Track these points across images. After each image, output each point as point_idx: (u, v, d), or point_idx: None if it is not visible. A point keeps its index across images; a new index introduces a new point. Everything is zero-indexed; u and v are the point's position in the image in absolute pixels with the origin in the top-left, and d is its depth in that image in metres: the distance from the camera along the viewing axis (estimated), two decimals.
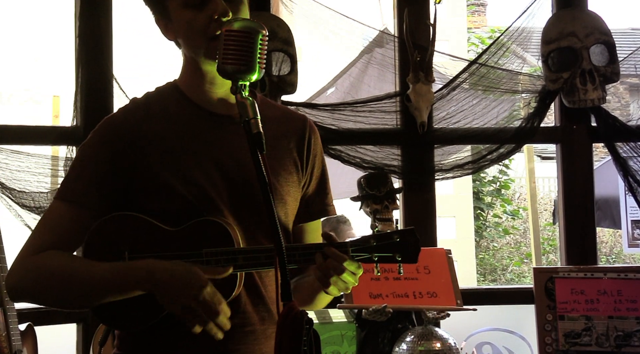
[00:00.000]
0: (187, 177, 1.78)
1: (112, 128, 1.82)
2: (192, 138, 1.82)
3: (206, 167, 1.79)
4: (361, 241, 1.77)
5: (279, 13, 3.64)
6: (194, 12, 1.76)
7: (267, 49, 1.69)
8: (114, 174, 1.78)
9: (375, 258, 1.77)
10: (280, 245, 1.57)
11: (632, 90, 13.06)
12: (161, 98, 1.88)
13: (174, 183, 1.77)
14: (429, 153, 3.58)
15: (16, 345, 2.98)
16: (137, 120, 1.82)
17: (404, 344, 2.95)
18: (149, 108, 1.85)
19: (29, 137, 3.50)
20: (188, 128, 1.82)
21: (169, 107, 1.85)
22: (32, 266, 1.76)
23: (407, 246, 1.78)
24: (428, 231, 3.53)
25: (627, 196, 5.22)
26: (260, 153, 1.61)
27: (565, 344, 3.32)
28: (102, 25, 3.44)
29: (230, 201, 1.79)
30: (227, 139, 1.83)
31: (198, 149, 1.81)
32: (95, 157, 1.80)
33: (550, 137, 3.84)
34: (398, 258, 1.78)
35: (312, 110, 3.53)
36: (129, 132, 1.80)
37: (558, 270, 3.45)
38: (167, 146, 1.80)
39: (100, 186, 1.78)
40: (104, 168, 1.78)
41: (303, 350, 1.50)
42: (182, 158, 1.79)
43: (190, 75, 1.85)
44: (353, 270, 1.74)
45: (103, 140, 1.81)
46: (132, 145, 1.79)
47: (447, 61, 4.07)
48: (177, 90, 1.87)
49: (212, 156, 1.81)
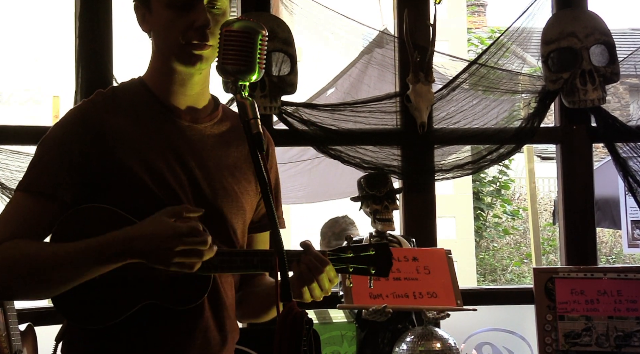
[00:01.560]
0: (157, 175, 1.76)
1: (80, 119, 1.79)
2: (159, 138, 1.79)
3: (174, 169, 1.78)
4: (338, 251, 1.80)
5: (279, 13, 3.64)
6: (176, 14, 1.76)
7: (267, 49, 1.69)
8: (82, 166, 1.74)
9: (350, 270, 1.79)
10: (281, 245, 1.57)
11: (632, 91, 13.05)
12: (128, 93, 1.85)
13: (144, 179, 1.75)
14: (428, 154, 3.58)
15: (16, 345, 2.97)
16: (104, 111, 1.79)
17: (404, 345, 2.95)
18: (116, 102, 1.82)
19: (29, 138, 3.49)
20: (156, 128, 1.80)
21: (136, 103, 1.83)
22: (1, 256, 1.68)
23: (381, 260, 1.80)
24: (428, 232, 3.53)
25: (627, 197, 5.22)
26: (260, 154, 1.61)
27: (565, 345, 3.32)
28: (102, 25, 3.44)
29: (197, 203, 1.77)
30: (190, 142, 1.82)
31: (165, 150, 1.79)
32: (63, 148, 1.76)
33: (550, 137, 3.84)
34: (372, 271, 1.80)
35: (312, 111, 3.53)
36: (97, 123, 1.77)
37: (558, 270, 3.45)
38: (136, 142, 1.77)
39: (70, 178, 1.73)
40: (73, 159, 1.74)
41: (303, 350, 1.50)
42: (149, 154, 1.77)
43: (159, 73, 1.84)
44: (332, 277, 1.76)
45: (71, 132, 1.77)
46: (100, 137, 1.76)
47: (447, 61, 4.07)
48: (145, 87, 1.85)
49: (178, 157, 1.79)
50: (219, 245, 1.74)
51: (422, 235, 3.43)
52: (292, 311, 1.52)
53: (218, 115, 1.90)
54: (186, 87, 1.82)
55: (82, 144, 1.75)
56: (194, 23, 1.74)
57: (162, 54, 1.82)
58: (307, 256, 1.74)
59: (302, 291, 1.75)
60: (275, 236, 1.58)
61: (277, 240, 1.57)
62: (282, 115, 3.44)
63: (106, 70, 3.45)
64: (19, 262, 1.68)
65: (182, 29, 1.75)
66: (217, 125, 1.88)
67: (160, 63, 1.83)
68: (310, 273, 1.74)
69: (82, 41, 3.41)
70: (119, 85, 1.91)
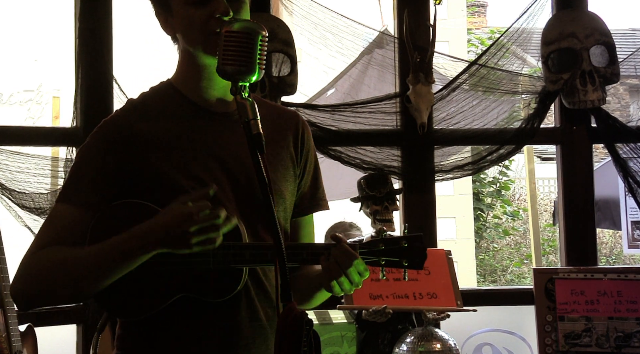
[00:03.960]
0: (189, 172, 1.78)
1: (111, 130, 1.83)
2: (191, 136, 1.82)
3: (207, 163, 1.80)
4: (370, 245, 1.79)
5: (279, 14, 3.64)
6: (195, 8, 1.78)
7: (267, 49, 1.70)
8: (114, 175, 1.78)
9: (382, 262, 1.79)
10: (280, 246, 1.57)
11: (632, 91, 13.05)
12: (157, 97, 1.88)
13: (176, 178, 1.77)
14: (429, 154, 3.58)
15: (16, 346, 2.97)
16: (135, 120, 1.82)
17: (404, 345, 2.95)
18: (146, 108, 1.86)
19: (29, 138, 3.49)
20: (187, 126, 1.83)
21: (166, 106, 1.86)
22: (34, 264, 1.75)
23: (414, 253, 1.80)
24: (428, 232, 3.53)
25: (627, 197, 5.22)
26: (260, 154, 1.61)
27: (565, 345, 3.32)
28: (102, 25, 3.44)
29: (234, 198, 1.80)
30: (225, 136, 1.84)
31: (198, 146, 1.81)
32: (95, 159, 1.80)
33: (550, 138, 3.84)
34: (405, 263, 1.79)
35: (312, 111, 3.53)
36: (128, 132, 1.80)
37: (558, 271, 3.45)
38: (167, 143, 1.80)
39: (102, 188, 1.78)
40: (104, 169, 1.78)
41: (303, 351, 1.50)
42: (182, 154, 1.80)
43: (187, 72, 1.86)
44: (361, 270, 1.75)
45: (102, 142, 1.81)
46: (131, 145, 1.79)
47: (447, 62, 4.07)
48: (173, 88, 1.88)
49: (212, 153, 1.81)
50: (264, 235, 1.78)
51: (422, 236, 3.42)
52: (292, 311, 1.53)
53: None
54: (214, 81, 1.83)
55: (114, 153, 1.79)
56: (214, 12, 1.76)
57: (188, 52, 1.83)
58: (336, 250, 1.74)
59: (331, 285, 1.75)
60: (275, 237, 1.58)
61: (277, 241, 1.58)
62: None
63: (106, 70, 3.45)
64: (52, 267, 1.74)
65: (204, 20, 1.77)
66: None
67: (187, 62, 1.85)
68: (339, 267, 1.73)
69: (82, 41, 3.41)
70: (148, 90, 1.93)
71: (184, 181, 1.77)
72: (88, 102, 3.41)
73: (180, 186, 1.76)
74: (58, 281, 1.74)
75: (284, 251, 1.57)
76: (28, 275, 1.75)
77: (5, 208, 3.31)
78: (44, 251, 1.75)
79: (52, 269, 1.74)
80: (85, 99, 3.41)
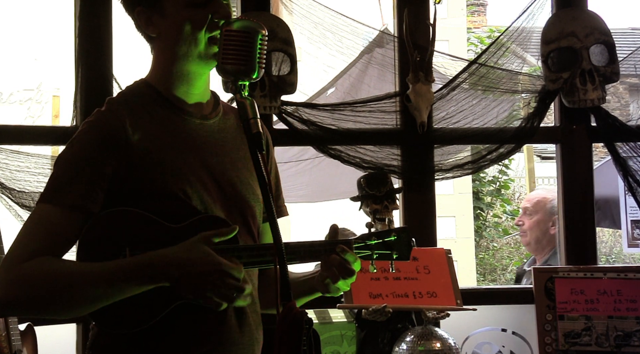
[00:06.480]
0: (178, 176, 1.77)
1: (102, 130, 1.78)
2: (175, 138, 1.81)
3: (194, 166, 1.79)
4: (363, 239, 1.82)
5: (279, 13, 3.64)
6: (195, 11, 1.77)
7: (266, 48, 1.70)
8: (108, 176, 1.74)
9: (375, 256, 1.80)
10: (281, 245, 1.57)
11: (632, 90, 13.05)
12: (137, 96, 1.85)
13: (167, 182, 1.75)
14: (428, 153, 3.58)
15: (16, 345, 2.97)
16: (123, 119, 1.79)
17: (404, 344, 2.95)
18: (130, 108, 1.82)
19: (28, 137, 3.49)
20: (171, 128, 1.82)
21: (147, 106, 1.83)
22: (24, 275, 1.64)
23: (402, 245, 1.83)
24: (428, 231, 3.52)
25: (627, 196, 5.21)
26: (260, 153, 1.61)
27: (565, 344, 3.32)
28: (102, 25, 3.44)
29: (220, 201, 1.80)
30: (206, 139, 1.84)
31: (183, 148, 1.80)
32: (89, 160, 1.75)
33: (550, 137, 3.84)
34: (395, 255, 1.82)
35: (312, 110, 3.53)
36: (118, 132, 1.77)
37: (558, 270, 3.45)
38: (155, 145, 1.78)
39: (97, 190, 1.72)
40: (99, 170, 1.73)
41: (303, 350, 1.51)
42: (170, 157, 1.78)
43: (167, 74, 1.84)
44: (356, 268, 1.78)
45: (95, 143, 1.76)
46: (123, 146, 1.76)
47: (446, 61, 4.07)
48: (151, 88, 1.85)
49: (197, 156, 1.81)
50: (244, 236, 1.78)
51: (422, 235, 3.43)
52: (292, 311, 1.53)
53: (221, 110, 1.92)
54: (195, 86, 1.83)
55: (108, 154, 1.75)
56: (214, 15, 1.75)
57: (173, 54, 1.81)
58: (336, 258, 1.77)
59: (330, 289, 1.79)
60: (276, 237, 1.58)
61: (278, 240, 1.58)
62: (282, 114, 3.44)
63: (106, 70, 3.45)
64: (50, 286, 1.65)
65: (203, 23, 1.76)
66: (223, 120, 1.90)
67: (169, 64, 1.83)
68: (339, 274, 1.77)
69: (82, 41, 3.41)
70: (125, 89, 1.90)
71: (174, 186, 1.75)
72: (88, 101, 3.40)
73: (171, 190, 1.74)
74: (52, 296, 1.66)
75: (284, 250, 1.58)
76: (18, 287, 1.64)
77: (5, 207, 3.31)
78: (34, 262, 1.65)
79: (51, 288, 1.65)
80: (85, 98, 3.41)
